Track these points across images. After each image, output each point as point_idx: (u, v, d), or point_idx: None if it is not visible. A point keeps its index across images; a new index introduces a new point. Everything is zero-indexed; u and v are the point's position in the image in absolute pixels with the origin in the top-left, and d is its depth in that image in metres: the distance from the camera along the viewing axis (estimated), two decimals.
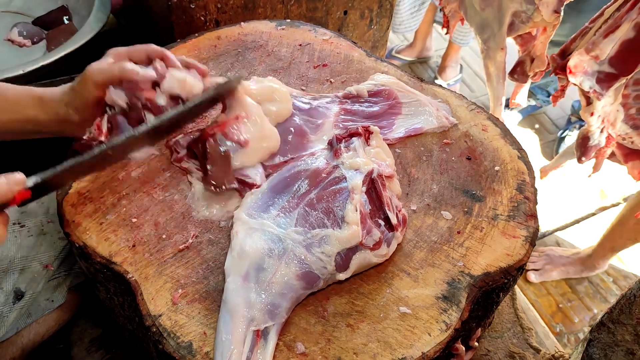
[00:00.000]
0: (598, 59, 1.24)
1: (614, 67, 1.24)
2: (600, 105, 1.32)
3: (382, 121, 1.04)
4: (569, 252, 2.21)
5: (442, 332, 0.76)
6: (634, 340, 0.70)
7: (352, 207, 0.80)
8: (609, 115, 1.37)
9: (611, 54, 1.22)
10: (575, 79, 1.28)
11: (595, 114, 1.34)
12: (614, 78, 1.26)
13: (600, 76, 1.26)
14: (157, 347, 0.75)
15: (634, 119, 1.37)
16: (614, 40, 1.21)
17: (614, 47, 1.22)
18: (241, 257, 0.77)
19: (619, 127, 1.39)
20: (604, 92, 1.27)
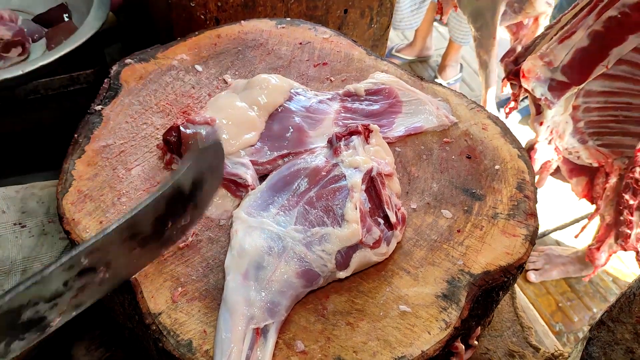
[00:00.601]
0: (551, 65, 1.22)
1: (567, 75, 1.22)
2: (550, 115, 1.31)
3: (382, 119, 1.04)
4: (568, 251, 2.21)
5: (441, 330, 0.76)
6: (633, 338, 0.70)
7: (352, 205, 0.80)
8: (558, 126, 1.35)
9: (564, 62, 1.20)
10: (527, 84, 1.27)
11: (545, 123, 1.33)
12: (566, 87, 1.24)
13: (553, 84, 1.24)
14: (157, 345, 0.75)
15: (581, 133, 1.36)
16: (569, 47, 1.19)
17: (567, 55, 1.19)
18: (241, 256, 0.77)
19: (567, 140, 1.38)
20: (555, 100, 1.25)
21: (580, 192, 1.53)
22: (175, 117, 1.03)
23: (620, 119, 1.33)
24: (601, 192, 1.45)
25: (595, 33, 1.15)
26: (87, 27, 1.34)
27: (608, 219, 1.45)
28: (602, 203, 1.47)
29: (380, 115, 1.05)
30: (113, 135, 0.99)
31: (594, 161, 1.42)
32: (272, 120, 1.01)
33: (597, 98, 1.32)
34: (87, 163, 0.94)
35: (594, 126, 1.36)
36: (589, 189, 1.52)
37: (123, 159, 0.95)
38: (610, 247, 1.48)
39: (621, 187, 1.36)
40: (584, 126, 1.36)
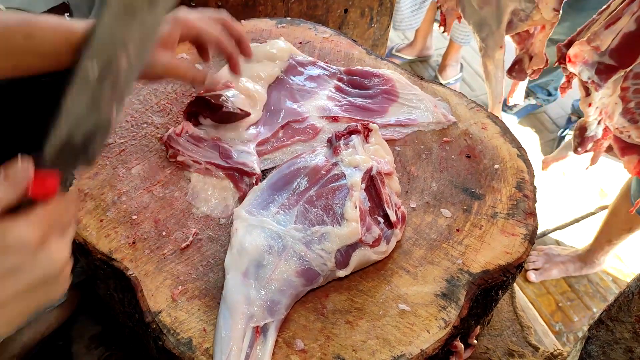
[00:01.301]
0: (599, 50, 1.24)
1: (614, 59, 1.24)
2: (598, 97, 1.33)
3: (374, 103, 1.07)
4: (568, 251, 2.21)
5: (441, 329, 0.76)
6: (632, 337, 0.70)
7: (352, 204, 0.80)
8: (607, 107, 1.37)
9: (612, 46, 1.23)
10: (574, 69, 1.28)
11: (593, 105, 1.34)
12: (614, 70, 1.26)
13: (600, 67, 1.26)
14: (157, 344, 0.76)
15: (632, 113, 1.37)
16: (615, 32, 1.21)
17: (614, 39, 1.22)
18: (241, 254, 0.78)
19: (617, 120, 1.39)
20: (602, 83, 1.27)
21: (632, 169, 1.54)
22: (175, 117, 1.04)
23: None
24: None
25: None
26: None
27: None
28: None
29: (373, 98, 1.07)
30: (113, 134, 0.99)
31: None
32: (269, 92, 1.07)
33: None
34: None
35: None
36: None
37: (123, 158, 0.96)
38: None
39: None
40: (634, 106, 1.37)
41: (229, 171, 0.91)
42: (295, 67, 1.11)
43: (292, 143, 0.99)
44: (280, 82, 1.08)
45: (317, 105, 1.05)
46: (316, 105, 1.05)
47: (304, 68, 1.12)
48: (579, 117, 2.64)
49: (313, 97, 1.07)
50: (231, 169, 0.91)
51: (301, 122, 1.02)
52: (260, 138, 0.98)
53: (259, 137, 0.98)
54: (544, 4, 1.34)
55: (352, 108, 1.06)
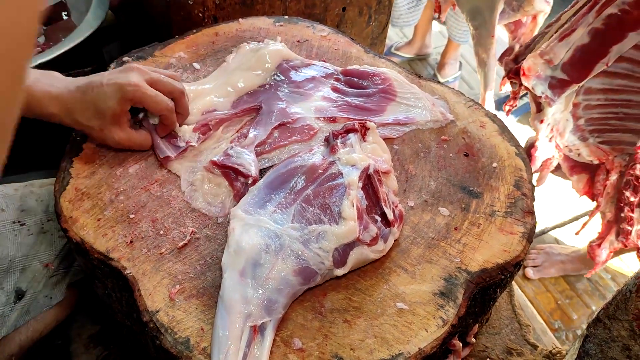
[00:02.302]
0: (552, 63, 1.22)
1: (567, 73, 1.22)
2: (550, 113, 1.32)
3: (372, 103, 1.06)
4: (568, 250, 2.21)
5: (439, 328, 0.76)
6: (629, 335, 0.70)
7: (349, 202, 0.80)
8: (559, 124, 1.36)
9: (565, 59, 1.21)
10: (528, 82, 1.27)
11: (545, 121, 1.33)
12: (566, 84, 1.24)
13: (553, 82, 1.25)
14: (154, 343, 0.75)
15: (582, 130, 1.36)
16: (569, 45, 1.19)
17: (567, 52, 1.20)
18: (238, 253, 0.77)
19: (567, 137, 1.38)
20: (555, 98, 1.26)
21: (581, 189, 1.53)
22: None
23: (621, 116, 1.33)
24: (602, 189, 1.45)
25: (596, 31, 1.15)
26: (86, 25, 1.34)
27: (609, 215, 1.45)
28: (602, 200, 1.47)
29: (371, 97, 1.07)
30: None
31: (594, 158, 1.42)
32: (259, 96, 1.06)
33: (597, 95, 1.32)
34: (85, 161, 0.94)
35: (594, 123, 1.36)
36: (590, 186, 1.52)
37: (120, 157, 0.95)
38: (611, 244, 1.48)
39: (622, 184, 1.36)
40: (585, 123, 1.36)
41: (225, 170, 0.91)
42: (290, 70, 1.10)
43: (289, 143, 0.99)
44: (275, 85, 1.08)
45: (313, 106, 1.05)
46: (312, 106, 1.05)
47: (299, 70, 1.11)
48: None
49: (309, 99, 1.06)
50: (228, 168, 0.91)
51: (294, 123, 1.01)
52: (258, 140, 0.97)
53: (257, 140, 0.97)
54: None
55: (349, 108, 1.05)
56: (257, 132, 0.99)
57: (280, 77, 1.09)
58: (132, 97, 0.87)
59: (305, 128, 1.01)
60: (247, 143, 0.96)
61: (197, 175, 0.92)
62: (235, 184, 0.90)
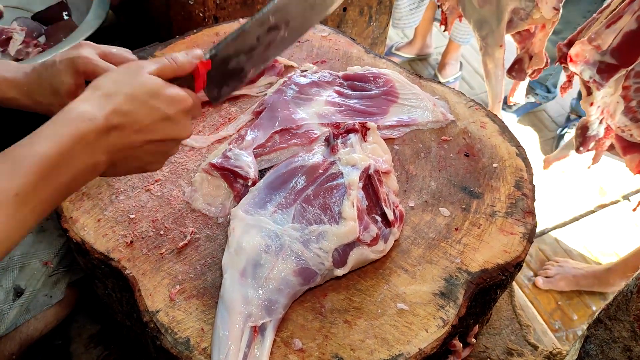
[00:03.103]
0: (600, 49, 1.24)
1: (615, 58, 1.24)
2: (599, 96, 1.32)
3: (375, 105, 1.06)
4: (582, 266, 2.19)
5: (439, 328, 0.76)
6: (630, 336, 0.70)
7: (349, 202, 0.80)
8: (609, 106, 1.37)
9: (613, 45, 1.22)
10: (575, 68, 1.28)
11: (595, 104, 1.34)
12: (615, 69, 1.26)
13: (601, 66, 1.26)
14: (154, 343, 0.75)
15: (633, 112, 1.36)
16: (616, 31, 1.21)
17: (616, 38, 1.21)
18: (238, 254, 0.77)
19: (618, 119, 1.39)
20: (604, 82, 1.27)
21: (634, 167, 1.53)
22: None
23: None
24: None
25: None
26: (87, 25, 1.33)
27: None
28: None
29: (374, 100, 1.06)
30: None
31: None
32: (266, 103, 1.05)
33: None
34: None
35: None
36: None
37: None
38: None
39: None
40: (637, 105, 1.37)
41: (224, 172, 0.91)
42: (293, 80, 1.09)
43: (289, 146, 0.98)
44: (278, 92, 1.06)
45: (316, 112, 1.04)
46: (315, 112, 1.04)
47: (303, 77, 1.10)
48: (578, 116, 2.64)
49: (312, 103, 1.05)
50: (227, 170, 0.91)
51: (298, 129, 1.00)
52: (257, 143, 0.97)
53: (255, 143, 0.97)
54: (544, 2, 1.34)
55: (353, 113, 1.04)
56: (255, 134, 0.99)
57: (285, 84, 1.08)
58: (84, 70, 0.85)
59: (307, 133, 1.00)
60: (245, 145, 0.96)
61: (196, 177, 0.92)
62: (235, 185, 0.90)
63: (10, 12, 1.51)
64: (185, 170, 0.95)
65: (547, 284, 2.15)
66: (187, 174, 0.95)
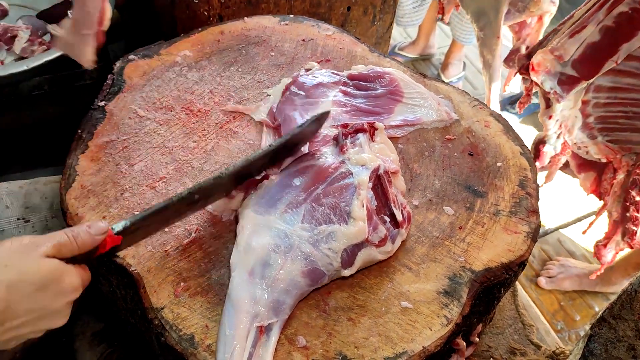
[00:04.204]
0: (562, 59, 1.22)
1: (577, 70, 1.21)
2: (559, 109, 1.31)
3: (380, 105, 1.06)
4: (584, 265, 2.19)
5: (443, 326, 0.76)
6: (635, 335, 0.70)
7: (359, 202, 0.80)
8: (567, 120, 1.35)
9: (575, 56, 1.20)
10: (537, 78, 1.26)
11: (554, 117, 1.32)
12: (576, 81, 1.23)
13: (562, 78, 1.24)
14: (159, 340, 0.76)
15: (590, 128, 1.35)
16: (579, 41, 1.18)
17: (578, 49, 1.19)
18: (247, 253, 0.77)
19: (576, 134, 1.37)
20: (564, 94, 1.25)
21: (589, 187, 1.52)
22: (177, 114, 1.04)
23: (630, 115, 1.32)
24: (609, 188, 1.44)
25: (606, 28, 1.15)
26: None
27: (615, 215, 1.44)
28: (609, 199, 1.46)
29: (379, 100, 1.06)
30: (116, 131, 0.99)
31: (602, 157, 1.41)
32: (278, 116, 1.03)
33: (606, 94, 1.31)
34: (91, 158, 0.94)
35: (603, 122, 1.36)
36: (597, 185, 1.51)
37: (126, 155, 0.96)
38: (617, 244, 1.47)
39: (629, 184, 1.36)
40: (594, 121, 1.35)
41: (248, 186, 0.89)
42: (298, 81, 1.08)
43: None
44: (287, 99, 1.05)
45: None
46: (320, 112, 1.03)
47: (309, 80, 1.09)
48: None
49: (319, 107, 1.04)
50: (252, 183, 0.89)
51: (315, 138, 0.98)
52: None
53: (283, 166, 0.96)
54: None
55: (359, 113, 1.04)
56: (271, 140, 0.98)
57: (292, 89, 1.07)
58: None
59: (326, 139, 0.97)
60: None
61: None
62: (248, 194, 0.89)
63: (15, 10, 1.51)
64: (190, 168, 0.96)
65: (549, 284, 2.15)
66: (192, 172, 0.95)
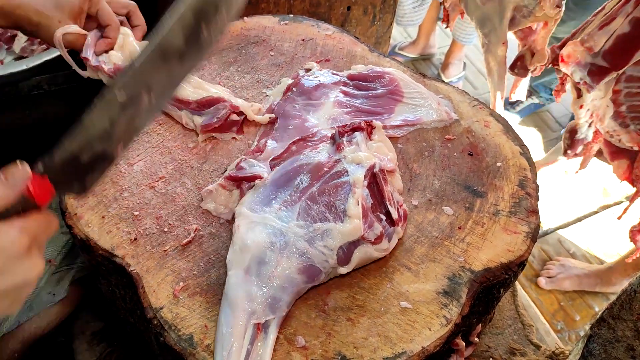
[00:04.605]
0: (592, 51, 1.23)
1: (607, 60, 1.22)
2: (589, 99, 1.31)
3: (381, 105, 1.05)
4: (584, 265, 2.19)
5: (442, 327, 0.76)
6: (634, 336, 0.70)
7: (354, 200, 0.80)
8: (598, 110, 1.36)
9: (605, 47, 1.21)
10: (567, 69, 1.27)
11: (585, 107, 1.33)
12: (606, 72, 1.24)
13: (593, 68, 1.25)
14: (158, 340, 0.76)
15: (623, 117, 1.35)
16: (608, 33, 1.20)
17: (608, 41, 1.20)
18: (243, 251, 0.78)
19: (607, 123, 1.38)
20: (594, 85, 1.26)
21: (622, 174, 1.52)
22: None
23: None
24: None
25: (635, 20, 1.17)
26: None
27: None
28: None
29: (380, 100, 1.06)
30: None
31: (634, 145, 1.42)
32: (277, 112, 1.04)
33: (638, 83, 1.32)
34: None
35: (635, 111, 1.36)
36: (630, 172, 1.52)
37: (125, 154, 0.96)
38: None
39: None
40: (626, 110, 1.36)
41: (237, 181, 0.90)
42: (299, 82, 1.08)
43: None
44: (287, 99, 1.05)
45: (327, 115, 1.03)
46: (325, 116, 1.03)
47: (309, 81, 1.09)
48: None
49: (322, 108, 1.04)
50: (239, 179, 0.90)
51: (313, 137, 0.98)
52: (274, 155, 0.96)
53: (273, 154, 0.96)
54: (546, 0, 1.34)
55: (360, 114, 1.04)
56: (272, 146, 0.98)
57: (293, 90, 1.07)
58: None
59: (322, 139, 0.98)
60: (263, 157, 0.95)
61: (213, 186, 0.91)
62: (243, 188, 0.89)
63: None
64: (190, 167, 0.96)
65: (549, 284, 2.15)
66: (191, 172, 0.95)
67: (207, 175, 0.95)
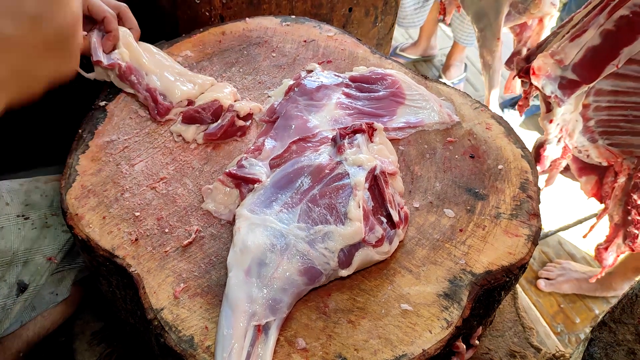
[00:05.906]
0: (562, 64, 1.21)
1: (577, 73, 1.21)
2: (560, 113, 1.31)
3: (383, 107, 1.05)
4: (585, 268, 2.18)
5: (443, 329, 0.76)
6: (635, 339, 0.70)
7: (355, 203, 0.80)
8: (568, 124, 1.35)
9: (575, 60, 1.20)
10: (537, 82, 1.26)
11: (555, 121, 1.32)
12: (576, 85, 1.23)
13: (563, 82, 1.24)
14: (158, 341, 0.76)
15: (591, 132, 1.35)
16: (579, 45, 1.18)
17: (578, 53, 1.19)
18: (243, 252, 0.77)
19: (577, 138, 1.37)
20: (565, 98, 1.25)
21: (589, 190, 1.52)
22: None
23: (630, 118, 1.32)
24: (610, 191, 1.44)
25: (607, 32, 1.15)
26: None
27: (616, 218, 1.44)
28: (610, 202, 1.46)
29: (381, 102, 1.06)
30: (117, 131, 0.99)
31: (603, 160, 1.41)
32: (278, 112, 1.04)
33: (607, 97, 1.31)
34: (91, 158, 0.95)
35: (604, 125, 1.36)
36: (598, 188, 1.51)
37: (127, 155, 0.96)
38: (619, 248, 1.47)
39: (630, 187, 1.36)
40: (594, 125, 1.35)
41: (237, 180, 0.90)
42: (301, 83, 1.08)
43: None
44: (289, 99, 1.06)
45: (328, 116, 1.03)
46: (328, 116, 1.03)
47: (311, 82, 1.09)
48: None
49: (324, 109, 1.04)
50: (239, 178, 0.90)
51: (313, 137, 0.99)
52: (274, 154, 0.96)
53: (273, 154, 0.96)
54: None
55: (362, 116, 1.04)
56: (272, 145, 0.98)
57: (294, 91, 1.07)
58: None
59: (322, 140, 0.98)
60: (263, 156, 0.95)
61: (212, 185, 0.91)
62: (243, 190, 0.89)
63: None
64: (191, 168, 0.96)
65: (549, 287, 2.15)
66: (193, 173, 0.95)
67: (209, 176, 0.95)
